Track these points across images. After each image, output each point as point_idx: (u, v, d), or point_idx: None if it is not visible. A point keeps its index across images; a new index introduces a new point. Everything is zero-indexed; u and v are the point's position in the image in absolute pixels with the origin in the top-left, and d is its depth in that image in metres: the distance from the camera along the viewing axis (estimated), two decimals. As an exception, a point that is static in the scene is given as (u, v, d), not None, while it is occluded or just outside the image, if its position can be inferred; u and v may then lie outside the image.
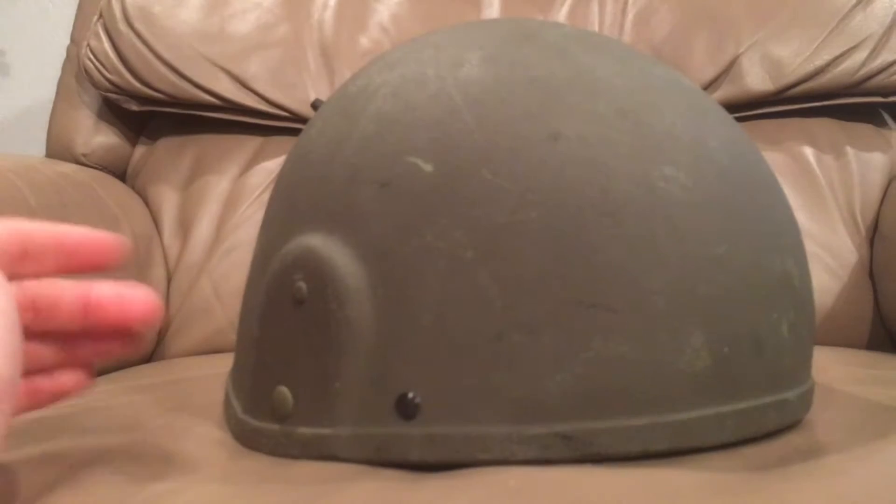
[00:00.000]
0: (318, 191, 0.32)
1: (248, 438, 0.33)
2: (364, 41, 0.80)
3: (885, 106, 0.80)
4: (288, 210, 0.34)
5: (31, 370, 0.27)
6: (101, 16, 0.79)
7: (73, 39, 0.86)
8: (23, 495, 0.28)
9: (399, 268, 0.29)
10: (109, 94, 0.80)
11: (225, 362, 0.48)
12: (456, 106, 0.30)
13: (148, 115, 0.83)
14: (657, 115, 0.31)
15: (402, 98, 0.31)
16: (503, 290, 0.28)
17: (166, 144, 0.82)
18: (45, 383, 0.28)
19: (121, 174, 0.83)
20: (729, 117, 0.34)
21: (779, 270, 0.31)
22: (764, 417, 0.30)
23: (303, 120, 0.77)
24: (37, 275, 0.27)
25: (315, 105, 0.40)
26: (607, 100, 0.30)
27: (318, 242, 0.31)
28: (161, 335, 0.73)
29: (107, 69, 0.78)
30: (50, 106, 0.85)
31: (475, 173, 0.29)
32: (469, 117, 0.30)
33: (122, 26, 0.77)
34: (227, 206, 0.77)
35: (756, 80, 0.76)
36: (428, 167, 0.29)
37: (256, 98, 0.77)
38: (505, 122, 0.30)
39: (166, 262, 0.76)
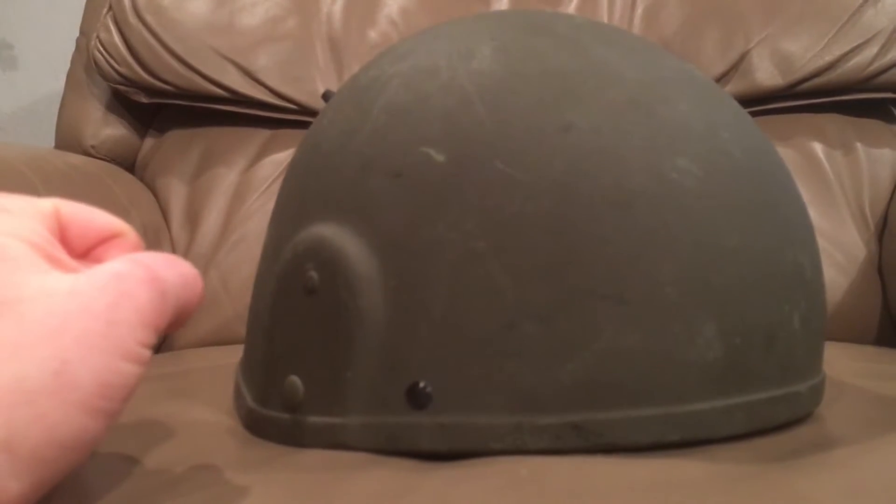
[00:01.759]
0: (329, 181, 0.32)
1: (258, 427, 0.33)
2: (373, 34, 0.80)
3: (895, 102, 0.80)
4: (299, 200, 0.34)
5: None
6: (110, 8, 0.79)
7: (82, 31, 0.86)
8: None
9: (411, 258, 0.29)
10: (119, 86, 0.80)
11: (234, 353, 0.48)
12: (468, 97, 0.30)
13: (157, 108, 0.83)
14: (670, 107, 0.30)
15: (414, 89, 0.31)
16: (515, 281, 0.28)
17: (175, 137, 0.82)
18: None
19: (129, 166, 0.83)
20: (741, 109, 0.34)
21: (791, 262, 0.31)
22: (775, 410, 0.30)
23: (311, 113, 0.78)
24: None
25: (326, 96, 0.40)
26: (620, 91, 0.30)
27: (330, 232, 0.31)
28: (169, 327, 0.73)
29: (116, 61, 0.78)
30: (59, 98, 0.85)
31: (487, 164, 0.29)
32: (481, 108, 0.30)
33: (132, 18, 0.78)
34: (235, 199, 0.77)
35: (766, 75, 0.76)
36: (440, 158, 0.29)
37: (265, 91, 0.78)
38: (517, 113, 0.30)
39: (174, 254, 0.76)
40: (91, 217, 0.26)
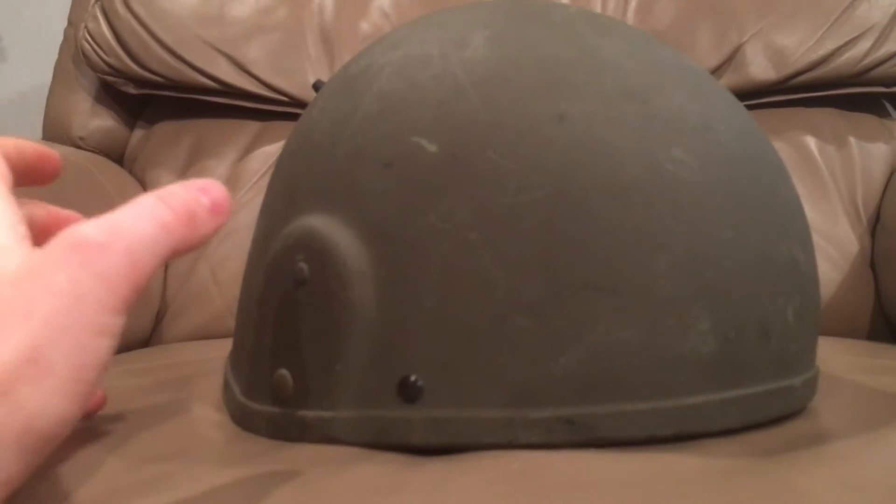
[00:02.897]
0: (320, 171, 0.32)
1: (247, 421, 0.33)
2: (365, 26, 0.79)
3: (888, 96, 0.80)
4: (289, 190, 0.33)
5: None
6: (98, -3, 0.79)
7: (70, 22, 0.85)
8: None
9: (402, 249, 0.29)
10: (107, 77, 0.79)
11: (223, 347, 0.48)
12: (461, 86, 0.30)
13: (146, 99, 0.82)
14: (664, 97, 0.30)
15: (406, 78, 0.31)
16: (508, 273, 0.28)
17: (164, 128, 0.81)
18: None
19: (118, 158, 0.82)
20: (736, 101, 0.34)
21: (785, 256, 0.31)
22: (769, 404, 0.30)
23: (302, 105, 0.77)
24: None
25: (316, 86, 0.39)
26: (614, 81, 0.30)
27: (320, 223, 0.30)
28: (158, 320, 0.72)
29: (104, 52, 0.77)
30: (46, 89, 0.84)
31: (480, 154, 0.28)
32: (474, 97, 0.29)
33: (121, 9, 0.77)
34: (225, 191, 0.76)
35: (759, 68, 0.75)
36: (432, 147, 0.29)
37: (256, 82, 0.77)
38: (510, 103, 0.29)
39: (164, 247, 0.75)
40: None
